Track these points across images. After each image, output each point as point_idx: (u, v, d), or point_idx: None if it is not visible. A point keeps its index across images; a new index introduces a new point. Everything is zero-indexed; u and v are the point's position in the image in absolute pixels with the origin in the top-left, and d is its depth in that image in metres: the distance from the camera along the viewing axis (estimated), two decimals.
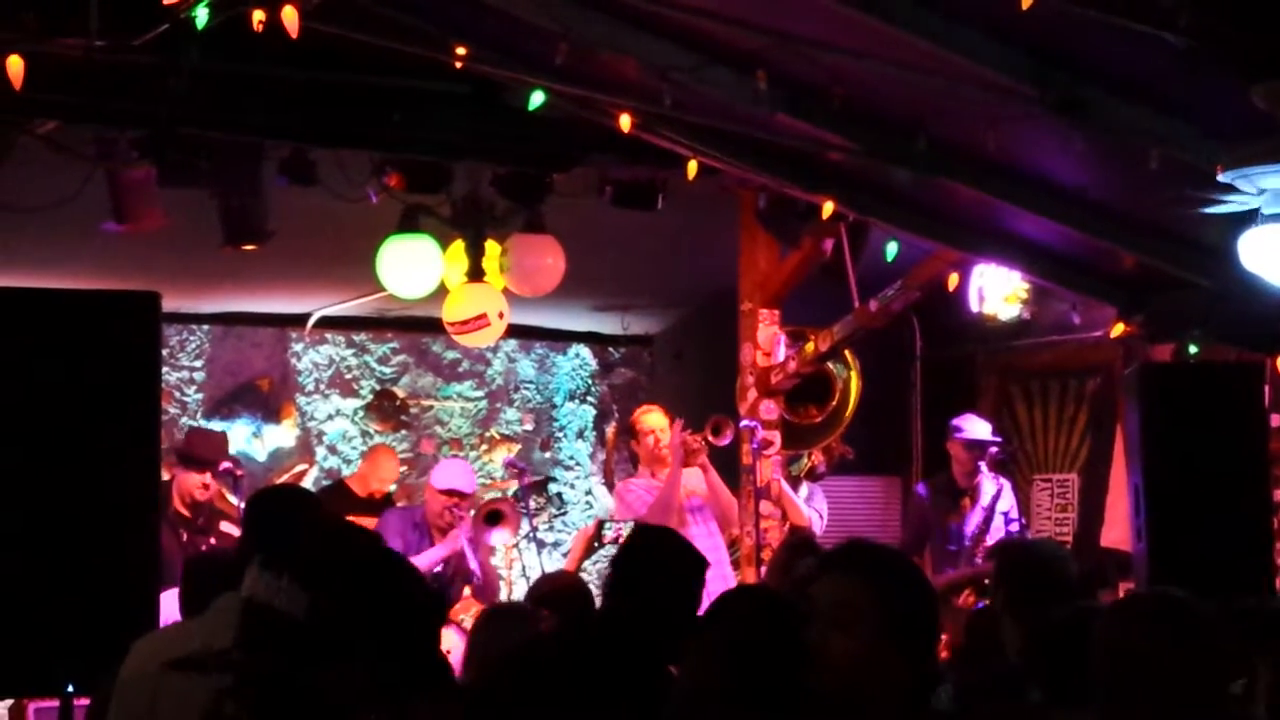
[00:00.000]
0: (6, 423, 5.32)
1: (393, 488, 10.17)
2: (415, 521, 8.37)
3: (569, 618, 4.90)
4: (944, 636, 5.71)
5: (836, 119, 6.35)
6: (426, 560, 7.99)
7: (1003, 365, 11.03)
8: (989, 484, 8.78)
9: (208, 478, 8.11)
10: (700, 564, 4.32)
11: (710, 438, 8.56)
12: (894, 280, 8.34)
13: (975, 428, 8.89)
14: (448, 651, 7.47)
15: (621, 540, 8.21)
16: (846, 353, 9.06)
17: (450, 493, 8.30)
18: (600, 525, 8.51)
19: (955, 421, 8.95)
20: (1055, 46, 5.40)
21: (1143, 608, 3.66)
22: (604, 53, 6.34)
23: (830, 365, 9.08)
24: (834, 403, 9.15)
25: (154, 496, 5.75)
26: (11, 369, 5.38)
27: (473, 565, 8.22)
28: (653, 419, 8.65)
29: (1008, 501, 8.76)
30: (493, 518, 8.52)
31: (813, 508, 9.17)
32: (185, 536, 7.76)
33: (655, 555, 4.32)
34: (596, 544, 8.44)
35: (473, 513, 8.56)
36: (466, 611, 8.05)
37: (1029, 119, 5.72)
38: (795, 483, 9.23)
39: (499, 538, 8.41)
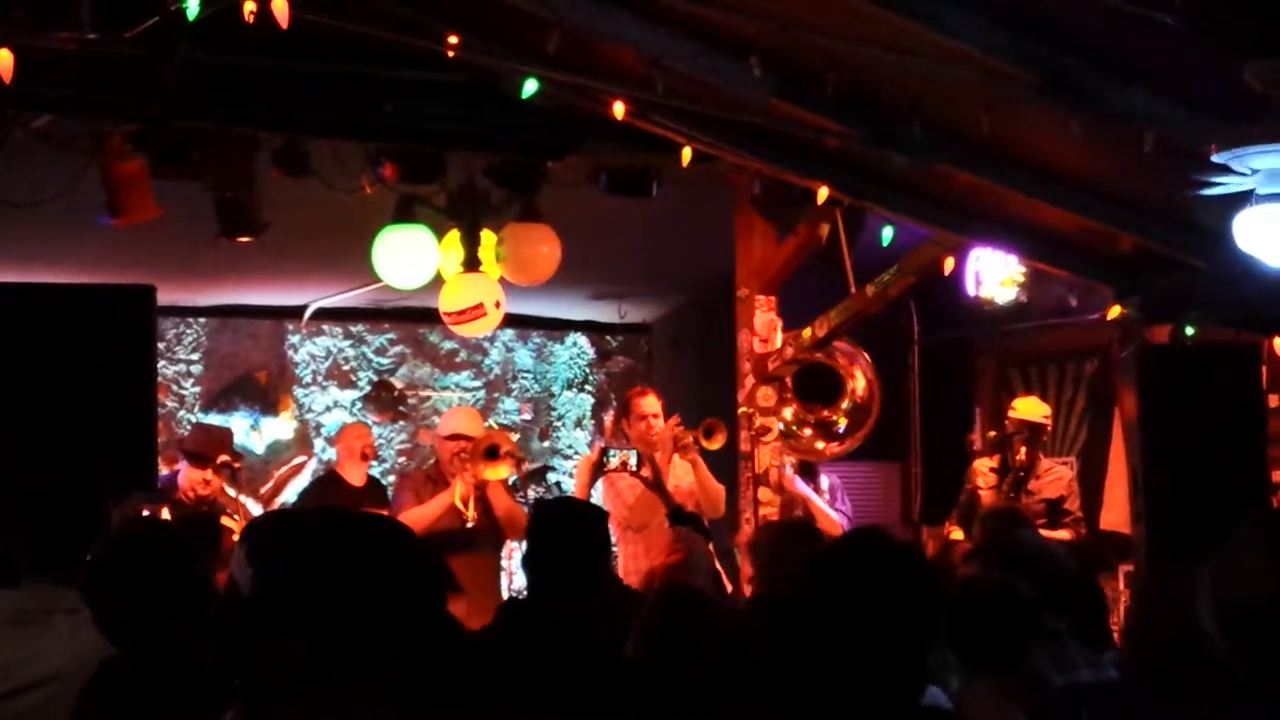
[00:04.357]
0: (3, 417, 5.33)
1: (375, 467, 10.18)
2: (428, 474, 8.47)
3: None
4: None
5: (831, 104, 6.33)
6: (433, 509, 8.06)
7: (1000, 349, 11.04)
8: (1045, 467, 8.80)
9: (208, 474, 8.20)
10: (599, 516, 4.69)
11: (702, 440, 8.56)
12: (890, 265, 8.33)
13: (1025, 407, 8.89)
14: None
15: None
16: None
17: (456, 437, 8.34)
18: (604, 452, 8.51)
19: (1014, 400, 9.03)
20: (1049, 28, 5.39)
21: None
22: (597, 40, 6.32)
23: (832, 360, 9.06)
24: (843, 403, 9.11)
25: (151, 491, 5.75)
26: (6, 364, 5.38)
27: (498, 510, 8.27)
28: (649, 403, 8.66)
29: (1056, 490, 8.71)
30: (491, 452, 8.52)
31: (837, 509, 9.16)
32: None
33: (558, 523, 4.61)
34: (601, 470, 8.46)
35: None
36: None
37: (1024, 102, 5.71)
38: (813, 474, 9.25)
39: (495, 473, 8.40)
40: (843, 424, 9.25)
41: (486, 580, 8.33)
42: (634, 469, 8.34)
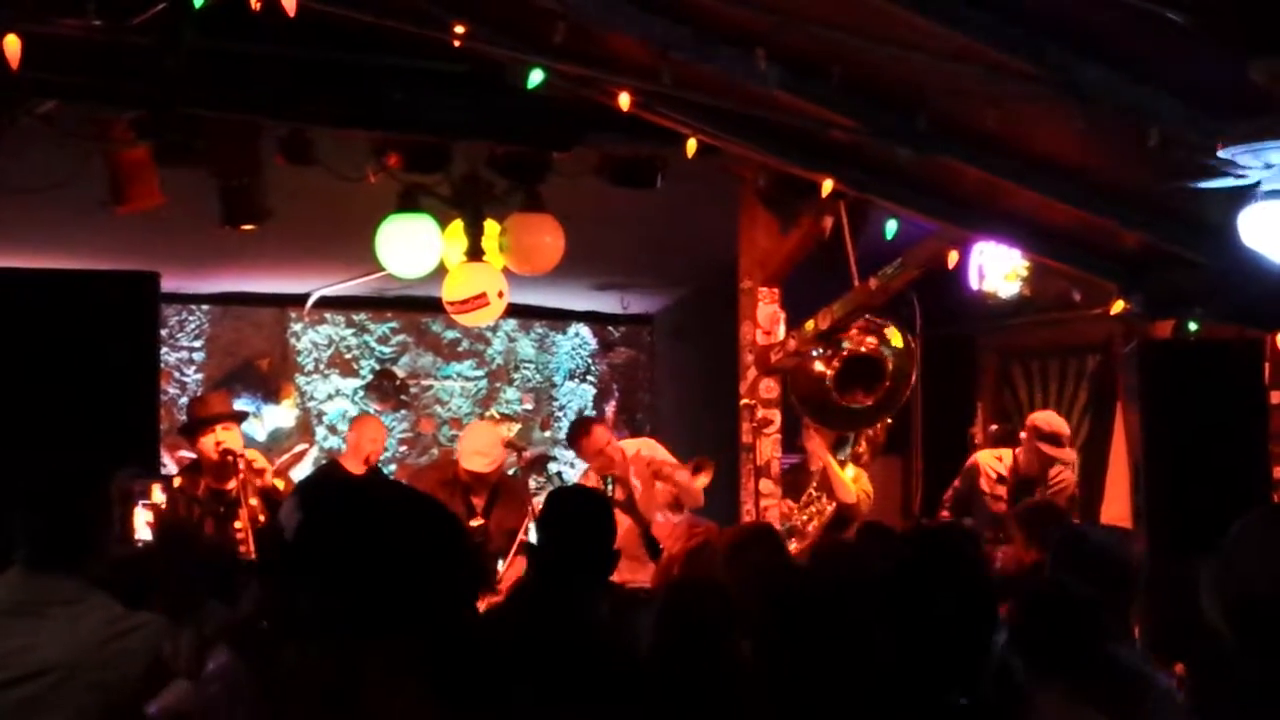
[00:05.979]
0: (7, 403, 5.34)
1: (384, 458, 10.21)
2: (443, 480, 8.60)
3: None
4: None
5: (837, 97, 6.33)
6: None
7: (1003, 343, 11.04)
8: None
9: (218, 432, 7.70)
10: (604, 505, 4.88)
11: (690, 476, 8.71)
12: (894, 259, 8.33)
13: (1039, 418, 8.90)
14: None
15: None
16: (892, 331, 8.97)
17: (473, 475, 8.53)
18: (604, 480, 8.58)
19: (1033, 413, 9.13)
20: (1055, 23, 5.39)
21: None
22: (603, 31, 6.32)
23: (880, 348, 9.01)
24: (886, 385, 9.05)
25: (153, 475, 5.75)
26: (11, 349, 5.39)
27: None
28: (601, 433, 8.91)
29: (1060, 500, 8.71)
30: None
31: (860, 487, 9.23)
32: (210, 526, 7.51)
33: (570, 509, 4.72)
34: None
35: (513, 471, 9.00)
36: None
37: (1029, 96, 5.71)
38: (841, 466, 9.30)
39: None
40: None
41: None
42: (610, 494, 8.40)
